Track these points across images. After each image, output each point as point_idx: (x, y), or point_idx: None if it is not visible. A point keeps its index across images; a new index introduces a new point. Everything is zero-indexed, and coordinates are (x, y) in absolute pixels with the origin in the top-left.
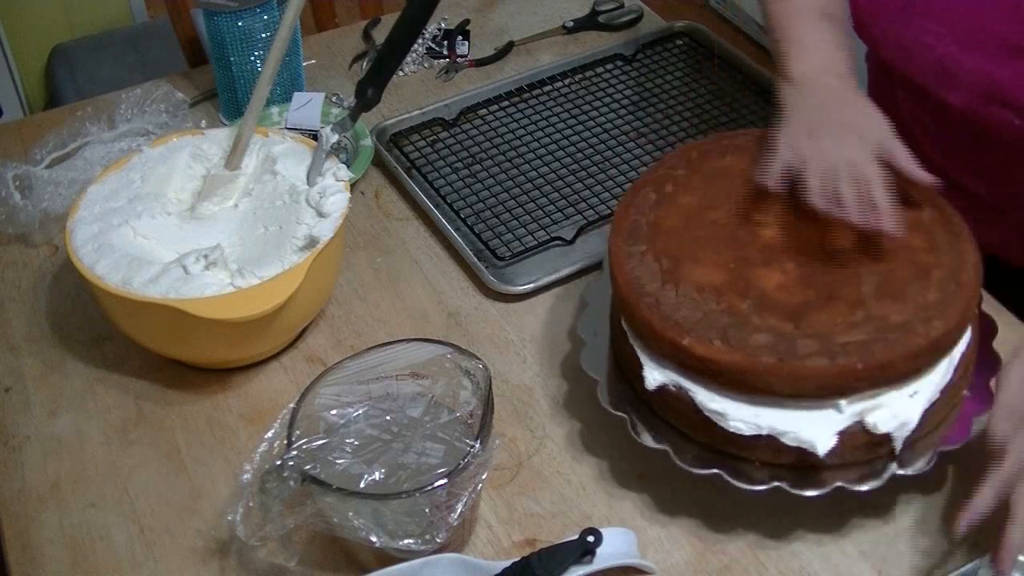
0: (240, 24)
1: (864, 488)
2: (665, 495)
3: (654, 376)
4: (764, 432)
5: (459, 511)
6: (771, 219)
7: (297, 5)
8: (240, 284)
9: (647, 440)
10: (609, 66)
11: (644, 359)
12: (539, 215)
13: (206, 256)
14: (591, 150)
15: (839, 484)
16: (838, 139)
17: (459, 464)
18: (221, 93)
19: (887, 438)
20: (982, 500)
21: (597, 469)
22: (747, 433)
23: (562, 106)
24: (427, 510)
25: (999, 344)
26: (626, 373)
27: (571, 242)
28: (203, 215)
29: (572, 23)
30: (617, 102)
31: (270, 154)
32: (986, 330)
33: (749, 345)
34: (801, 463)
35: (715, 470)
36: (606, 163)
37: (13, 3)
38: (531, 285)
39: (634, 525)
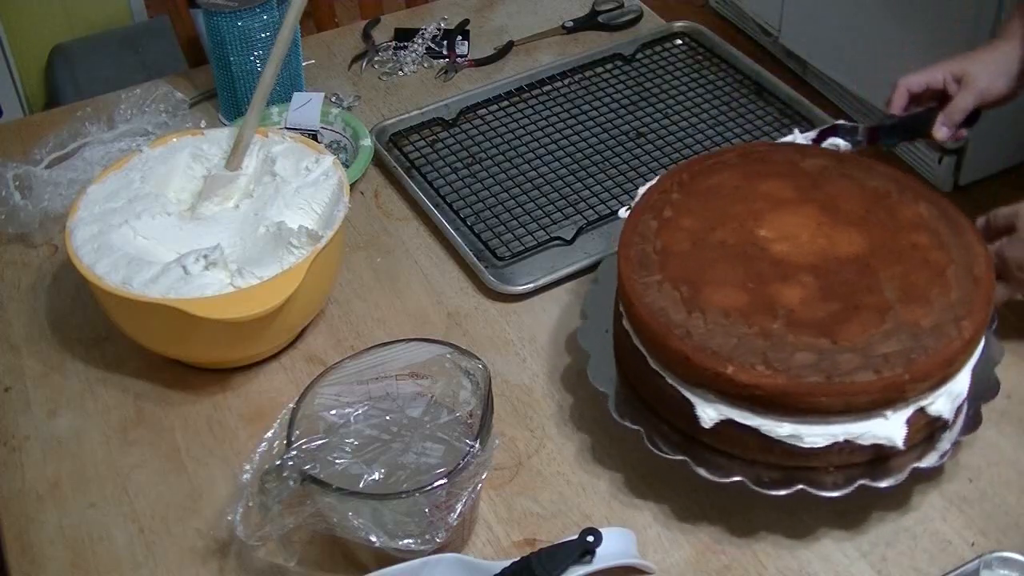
0: (240, 24)
1: (929, 465)
2: (665, 494)
3: (709, 414)
4: (841, 439)
5: (459, 511)
6: (776, 233)
7: (298, 6)
8: (240, 284)
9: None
10: (609, 66)
11: (692, 397)
12: (539, 215)
13: (206, 256)
14: (591, 150)
15: (913, 466)
16: None
17: (459, 464)
18: (221, 93)
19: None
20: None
21: (597, 468)
22: (824, 445)
23: (562, 106)
24: (427, 510)
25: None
26: (661, 413)
27: (571, 242)
28: (203, 215)
29: (572, 23)
30: (617, 102)
31: (270, 154)
32: None
33: (792, 366)
34: (879, 457)
35: (799, 486)
36: (606, 163)
37: (13, 3)
38: (531, 285)
39: (633, 525)
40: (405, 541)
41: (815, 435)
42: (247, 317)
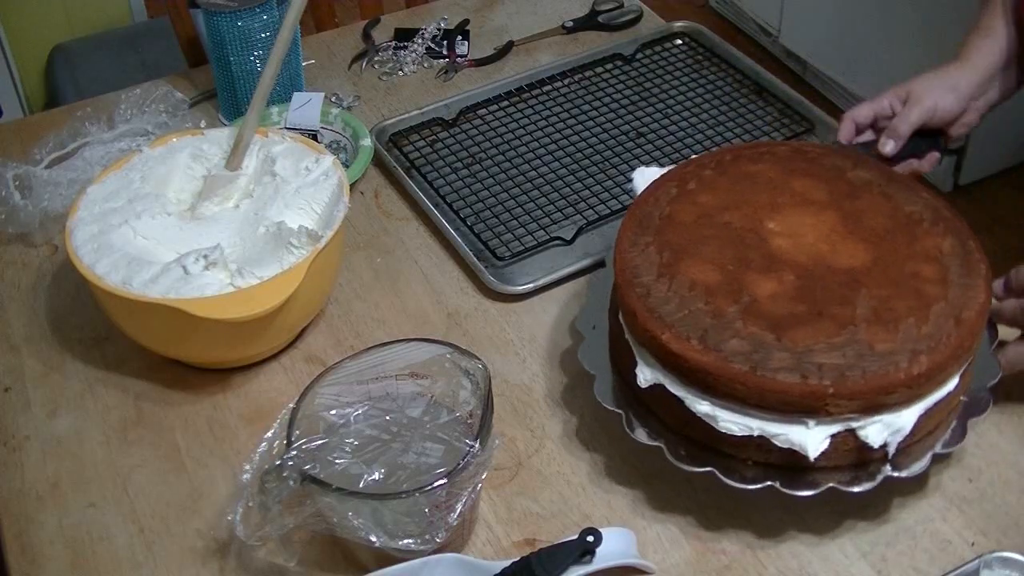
0: (240, 24)
1: (857, 489)
2: (665, 495)
3: (646, 375)
4: (755, 433)
5: (458, 511)
6: (786, 229)
7: (298, 6)
8: (240, 284)
9: (641, 436)
10: (608, 66)
11: (637, 355)
12: (539, 215)
13: (206, 256)
14: (590, 150)
15: (831, 485)
16: None
17: (459, 464)
18: (221, 93)
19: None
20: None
21: (597, 468)
22: (738, 434)
23: (561, 106)
24: (427, 510)
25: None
26: (621, 369)
27: (571, 242)
28: (203, 215)
29: (572, 23)
30: (617, 102)
31: (270, 154)
32: (993, 335)
33: (724, 349)
34: (793, 463)
35: (708, 468)
36: (605, 163)
37: (13, 3)
38: (531, 285)
39: (633, 525)
40: (405, 541)
41: (731, 422)
42: (247, 317)
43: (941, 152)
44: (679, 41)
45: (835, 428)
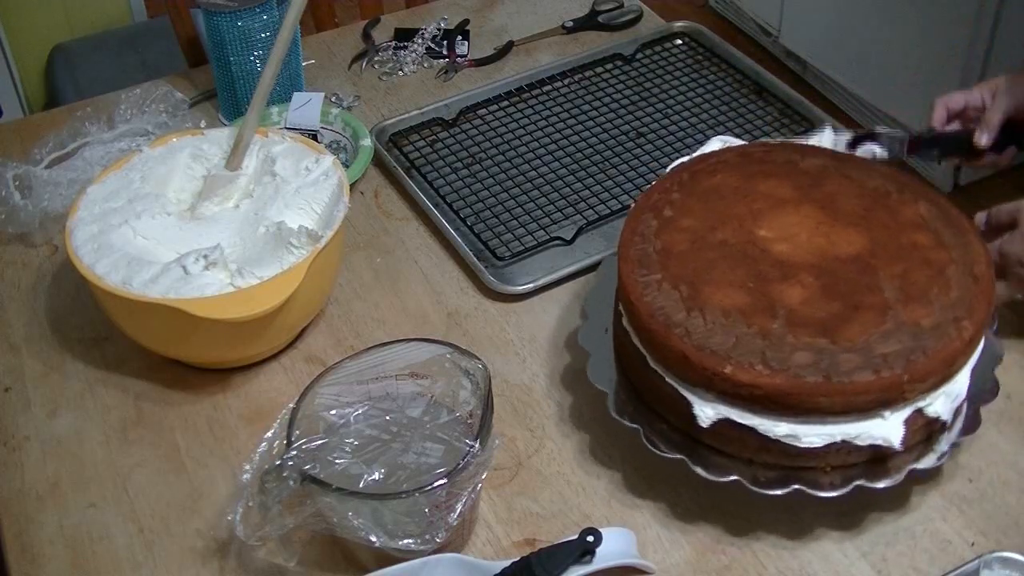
0: (240, 24)
1: (927, 466)
2: (665, 494)
3: (707, 414)
4: (838, 439)
5: (458, 511)
6: (778, 234)
7: (298, 6)
8: (240, 284)
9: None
10: (608, 66)
11: (690, 396)
12: (539, 215)
13: (206, 256)
14: (590, 150)
15: (910, 467)
16: None
17: (459, 464)
18: (221, 93)
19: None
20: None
21: (597, 468)
22: (820, 445)
23: (561, 106)
24: (427, 510)
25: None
26: (660, 412)
27: (571, 242)
28: (203, 215)
29: (572, 23)
30: (616, 102)
31: (270, 154)
32: None
33: (791, 366)
34: (873, 458)
35: (794, 487)
36: (605, 163)
37: (13, 3)
38: (531, 285)
39: (633, 525)
40: (405, 541)
41: (812, 435)
42: (247, 317)
43: (1019, 146)
44: (679, 41)
45: (907, 412)
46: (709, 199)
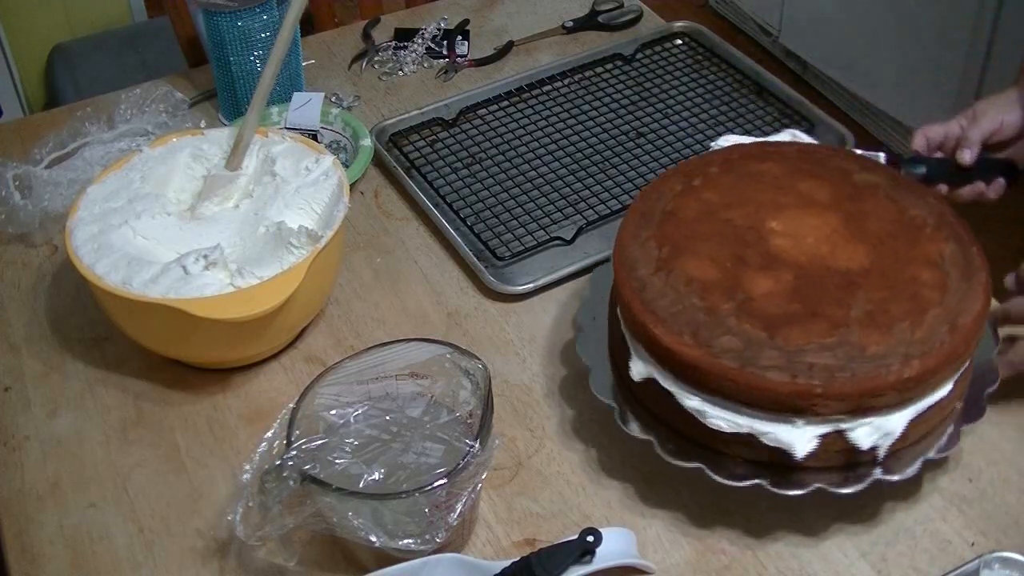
0: (240, 24)
1: (845, 491)
2: (665, 495)
3: (639, 369)
4: (744, 430)
5: (458, 511)
6: (787, 229)
7: (298, 6)
8: (240, 284)
9: (634, 430)
10: (608, 66)
11: (632, 348)
12: (539, 215)
13: (206, 256)
14: (590, 150)
15: (819, 485)
16: None
17: (459, 464)
18: (221, 93)
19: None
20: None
21: (597, 468)
22: (727, 430)
23: (561, 106)
24: (426, 510)
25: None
26: (617, 361)
27: (571, 242)
28: (203, 215)
29: (572, 23)
30: (616, 102)
31: (270, 154)
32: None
33: (715, 345)
34: (782, 462)
35: (697, 464)
36: (605, 163)
37: (13, 3)
38: (531, 285)
39: (633, 525)
40: (405, 541)
41: (720, 418)
42: (247, 317)
43: (1009, 178)
44: (679, 41)
45: (824, 429)
46: (744, 181)
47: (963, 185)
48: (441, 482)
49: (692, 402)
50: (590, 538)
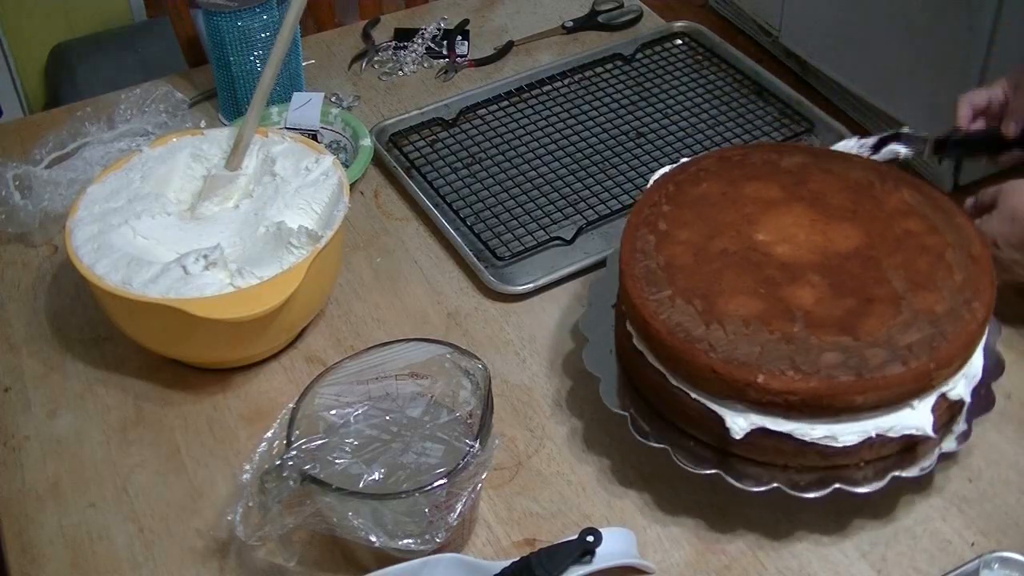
0: (240, 24)
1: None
2: (665, 495)
3: (740, 425)
4: (872, 434)
5: (458, 511)
6: (775, 236)
7: (298, 6)
8: (240, 284)
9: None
10: (608, 66)
11: (720, 410)
12: (539, 215)
13: (206, 256)
14: (590, 150)
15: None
16: None
17: (458, 464)
18: (220, 93)
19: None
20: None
21: (597, 468)
22: (856, 442)
23: (561, 106)
24: (426, 510)
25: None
26: (684, 428)
27: (571, 242)
28: (203, 215)
29: (572, 23)
30: (616, 102)
31: (270, 154)
32: None
33: (821, 367)
34: (905, 447)
35: (834, 487)
36: (605, 163)
37: (13, 3)
38: (531, 285)
39: (633, 525)
40: (405, 541)
41: (849, 433)
42: (247, 317)
43: None
44: (679, 41)
45: (933, 399)
46: (700, 208)
47: (1000, 153)
48: (441, 482)
49: (818, 431)
50: (590, 538)
